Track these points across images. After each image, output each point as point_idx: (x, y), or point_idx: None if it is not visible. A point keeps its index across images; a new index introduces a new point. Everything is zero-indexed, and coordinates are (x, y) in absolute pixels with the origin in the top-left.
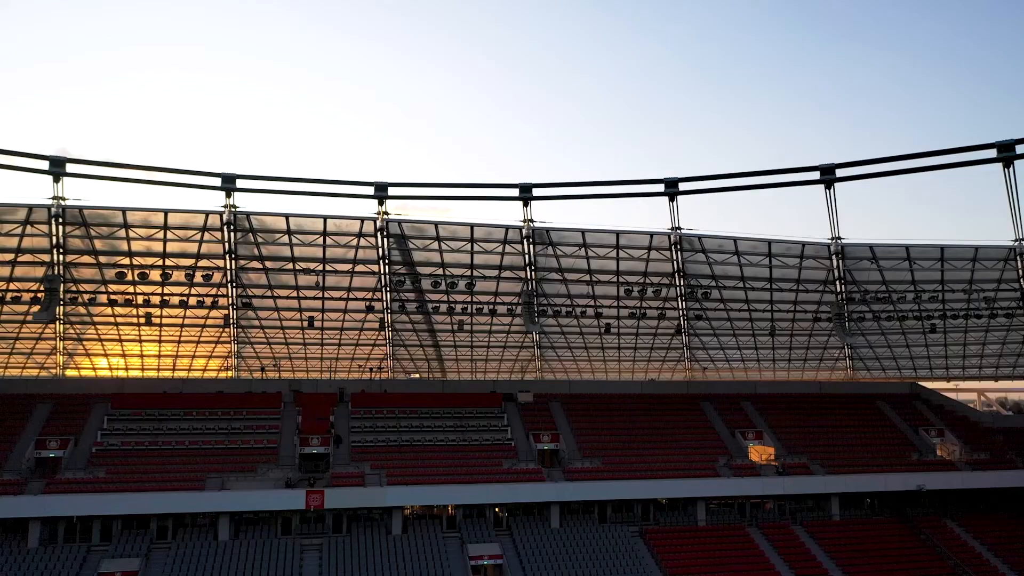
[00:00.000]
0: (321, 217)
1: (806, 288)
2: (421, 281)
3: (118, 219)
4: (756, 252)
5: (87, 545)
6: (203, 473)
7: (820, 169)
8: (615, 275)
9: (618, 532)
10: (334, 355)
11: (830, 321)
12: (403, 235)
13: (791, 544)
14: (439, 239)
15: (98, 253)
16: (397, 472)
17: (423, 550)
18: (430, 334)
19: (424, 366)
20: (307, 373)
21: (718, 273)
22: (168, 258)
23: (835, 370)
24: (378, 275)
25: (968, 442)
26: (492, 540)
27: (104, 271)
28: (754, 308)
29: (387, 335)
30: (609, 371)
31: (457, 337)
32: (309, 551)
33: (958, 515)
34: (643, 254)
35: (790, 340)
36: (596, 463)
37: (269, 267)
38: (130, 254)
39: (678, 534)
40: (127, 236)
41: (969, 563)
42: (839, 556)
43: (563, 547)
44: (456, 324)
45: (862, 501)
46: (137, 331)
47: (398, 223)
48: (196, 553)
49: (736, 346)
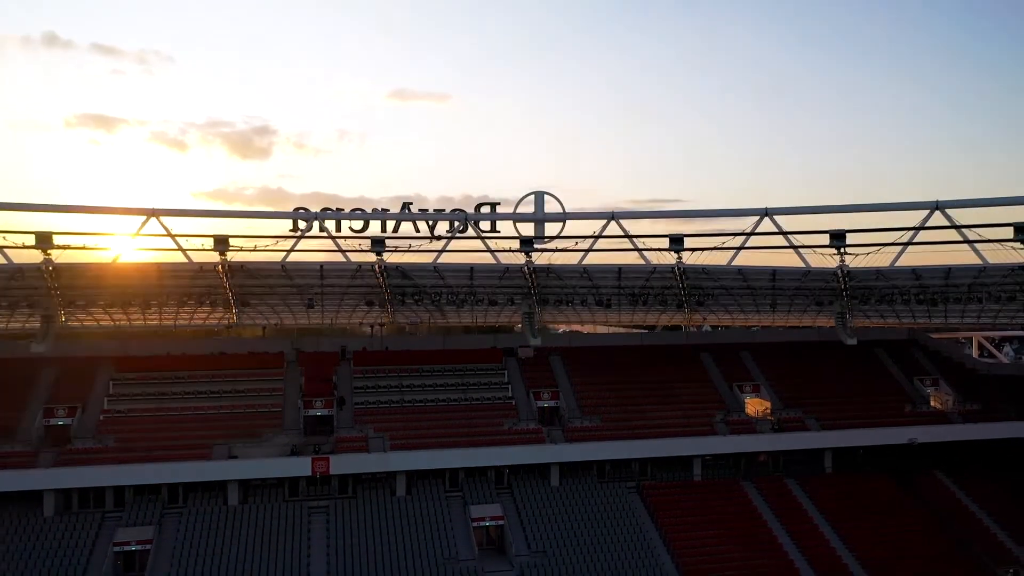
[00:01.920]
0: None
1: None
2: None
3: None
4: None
5: (101, 511)
6: (210, 440)
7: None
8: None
9: (616, 489)
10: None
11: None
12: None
13: (783, 499)
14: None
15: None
16: (400, 435)
17: (427, 512)
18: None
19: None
20: (308, 320)
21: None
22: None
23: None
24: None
25: (961, 392)
26: (494, 501)
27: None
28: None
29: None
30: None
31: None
32: (316, 513)
33: (950, 468)
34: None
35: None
36: (596, 421)
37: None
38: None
39: (673, 489)
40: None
41: (958, 518)
42: (828, 511)
43: (562, 506)
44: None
45: (855, 453)
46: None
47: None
48: (207, 519)
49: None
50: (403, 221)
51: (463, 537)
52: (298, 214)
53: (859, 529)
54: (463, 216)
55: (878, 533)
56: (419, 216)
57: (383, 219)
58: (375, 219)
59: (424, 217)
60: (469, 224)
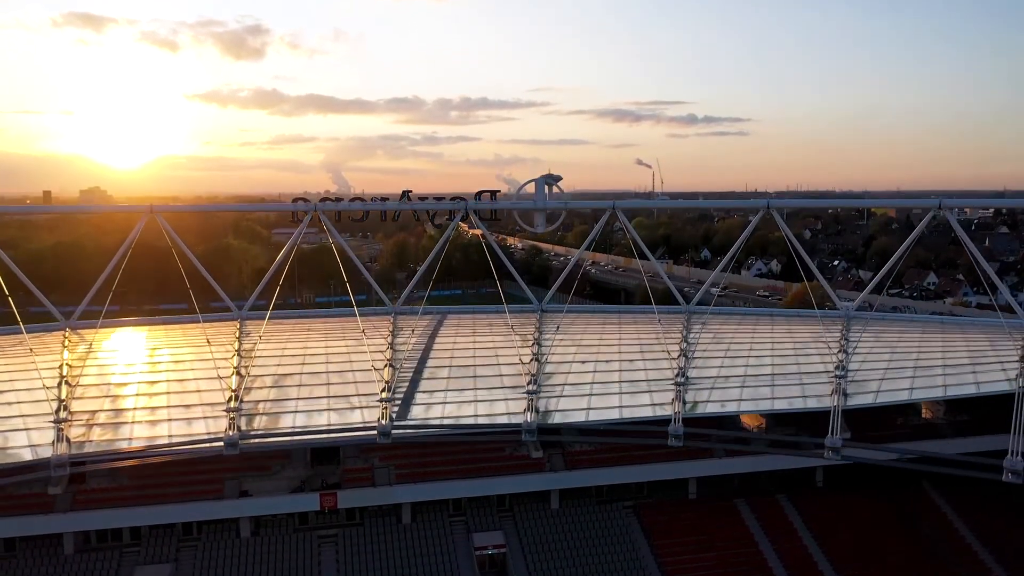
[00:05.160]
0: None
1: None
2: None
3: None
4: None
5: (119, 547)
6: (221, 475)
7: None
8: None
9: (614, 510)
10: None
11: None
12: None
13: (774, 517)
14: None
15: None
16: (405, 464)
17: (432, 540)
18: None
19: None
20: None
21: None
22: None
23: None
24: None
25: (952, 402)
26: (496, 527)
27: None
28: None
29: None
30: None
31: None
32: (326, 543)
33: (939, 483)
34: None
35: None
36: (596, 443)
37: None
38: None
39: (669, 508)
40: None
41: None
42: (816, 528)
43: (562, 530)
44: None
45: (846, 469)
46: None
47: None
48: (221, 552)
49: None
50: (403, 210)
51: (467, 566)
52: (297, 205)
53: (845, 547)
54: (463, 204)
55: (863, 551)
56: (419, 205)
57: (383, 209)
58: (375, 208)
59: (424, 206)
60: (469, 212)
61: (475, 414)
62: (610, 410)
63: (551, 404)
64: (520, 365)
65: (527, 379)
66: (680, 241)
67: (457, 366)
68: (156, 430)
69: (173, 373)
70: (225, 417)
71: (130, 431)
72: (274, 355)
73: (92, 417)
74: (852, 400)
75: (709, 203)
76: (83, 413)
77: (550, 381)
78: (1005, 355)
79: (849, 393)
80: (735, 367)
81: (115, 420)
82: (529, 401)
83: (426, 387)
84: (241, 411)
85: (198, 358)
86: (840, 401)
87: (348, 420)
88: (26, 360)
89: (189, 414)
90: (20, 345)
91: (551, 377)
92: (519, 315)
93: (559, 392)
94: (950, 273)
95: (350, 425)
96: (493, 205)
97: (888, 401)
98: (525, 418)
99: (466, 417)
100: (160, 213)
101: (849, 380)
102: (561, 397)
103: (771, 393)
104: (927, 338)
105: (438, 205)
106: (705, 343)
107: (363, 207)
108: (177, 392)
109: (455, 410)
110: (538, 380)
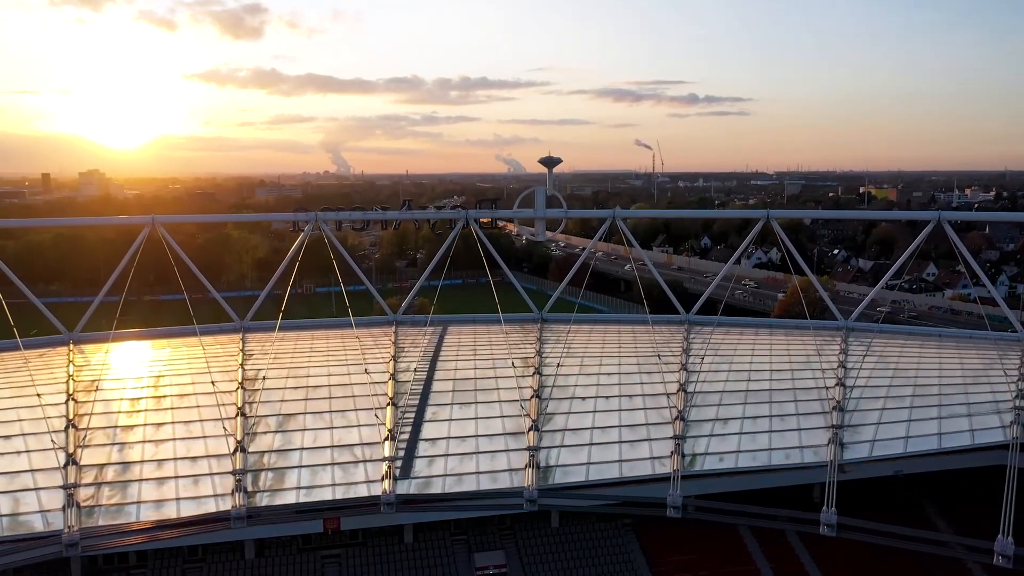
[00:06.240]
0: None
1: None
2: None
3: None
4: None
5: (126, 568)
6: None
7: None
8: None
9: (613, 528)
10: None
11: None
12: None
13: (773, 536)
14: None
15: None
16: None
17: (433, 560)
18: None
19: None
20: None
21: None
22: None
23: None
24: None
25: None
26: (498, 546)
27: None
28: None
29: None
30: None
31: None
32: (329, 563)
33: (940, 504)
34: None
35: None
36: None
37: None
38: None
39: (668, 526)
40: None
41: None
42: (813, 547)
43: (562, 550)
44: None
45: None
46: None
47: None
48: (226, 574)
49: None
50: (403, 220)
51: None
52: (298, 215)
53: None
54: (463, 214)
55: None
56: (419, 214)
57: (383, 219)
58: (375, 218)
59: (424, 215)
60: (469, 221)
61: (477, 471)
62: (610, 465)
63: (551, 457)
64: (520, 400)
65: (528, 424)
66: (680, 228)
67: (459, 403)
68: (163, 490)
69: (178, 411)
70: (231, 476)
71: (138, 492)
72: (277, 386)
73: (100, 473)
74: (848, 452)
75: (709, 213)
76: (91, 468)
77: (551, 424)
78: (1000, 392)
79: (845, 443)
80: (734, 402)
81: (123, 477)
82: (530, 456)
83: (429, 433)
84: (247, 469)
85: (202, 391)
86: (836, 454)
87: (352, 478)
88: (31, 394)
89: (195, 469)
90: (24, 368)
91: (552, 419)
92: (519, 326)
93: (559, 440)
94: (950, 264)
95: (355, 499)
96: (493, 214)
97: (883, 455)
98: (526, 475)
99: (468, 476)
100: (161, 224)
101: (845, 426)
102: (562, 448)
103: (768, 442)
104: (924, 364)
105: (438, 215)
106: (705, 371)
107: (364, 216)
108: (183, 438)
109: (457, 465)
110: (539, 424)
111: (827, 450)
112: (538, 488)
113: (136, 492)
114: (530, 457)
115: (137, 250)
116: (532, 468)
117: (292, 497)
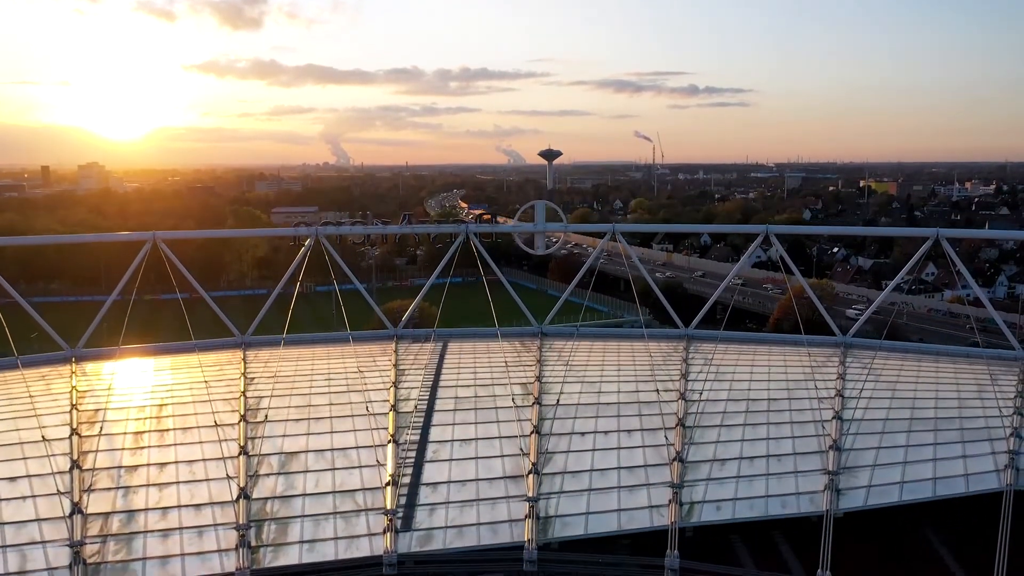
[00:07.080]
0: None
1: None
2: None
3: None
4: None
5: None
6: None
7: None
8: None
9: None
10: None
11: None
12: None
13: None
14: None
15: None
16: None
17: None
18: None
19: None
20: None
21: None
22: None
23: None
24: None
25: None
26: None
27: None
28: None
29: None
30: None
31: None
32: None
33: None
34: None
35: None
36: None
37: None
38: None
39: None
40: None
41: None
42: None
43: None
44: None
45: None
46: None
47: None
48: None
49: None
50: (404, 234)
51: None
52: (298, 230)
53: None
54: (464, 228)
55: None
56: (420, 228)
57: (384, 232)
58: (376, 231)
59: (425, 229)
60: (470, 235)
61: (478, 522)
62: (609, 515)
63: (550, 506)
64: (520, 436)
65: (527, 465)
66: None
67: (459, 439)
68: (168, 545)
69: (181, 447)
70: (234, 531)
71: (143, 546)
72: (279, 418)
73: (106, 524)
74: (843, 500)
75: (708, 228)
76: (96, 517)
77: (550, 466)
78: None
79: (841, 489)
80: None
81: (128, 529)
82: (530, 507)
83: (430, 475)
84: (250, 522)
85: (204, 423)
86: (832, 503)
87: (354, 530)
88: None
89: (199, 519)
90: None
91: (551, 460)
92: (518, 342)
93: (558, 484)
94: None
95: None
96: (494, 228)
97: (878, 504)
98: (526, 528)
99: (469, 528)
100: (163, 240)
101: (841, 470)
102: (560, 495)
103: (765, 488)
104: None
105: (439, 229)
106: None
107: (364, 231)
108: (186, 481)
109: (458, 515)
110: (538, 466)
111: (823, 497)
112: (537, 547)
113: (141, 546)
114: (530, 508)
115: (139, 266)
116: (532, 519)
117: (295, 553)
